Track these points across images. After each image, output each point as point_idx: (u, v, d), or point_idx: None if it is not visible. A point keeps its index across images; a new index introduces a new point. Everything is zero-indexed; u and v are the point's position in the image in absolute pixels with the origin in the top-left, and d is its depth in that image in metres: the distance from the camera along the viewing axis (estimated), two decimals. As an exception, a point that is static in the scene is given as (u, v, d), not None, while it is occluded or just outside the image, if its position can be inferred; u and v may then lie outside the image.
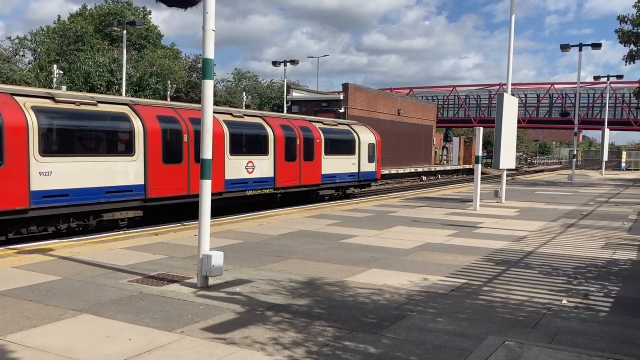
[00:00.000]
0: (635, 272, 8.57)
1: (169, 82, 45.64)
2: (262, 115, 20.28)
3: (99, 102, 13.97)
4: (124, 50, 33.95)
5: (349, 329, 5.67)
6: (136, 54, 51.79)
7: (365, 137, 25.14)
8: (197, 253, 7.24)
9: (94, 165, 13.26)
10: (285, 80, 46.60)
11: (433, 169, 51.75)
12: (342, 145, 23.65)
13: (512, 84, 20.40)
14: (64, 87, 30.48)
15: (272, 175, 19.29)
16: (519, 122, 30.72)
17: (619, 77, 45.04)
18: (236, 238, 11.12)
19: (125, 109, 14.37)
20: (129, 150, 14.11)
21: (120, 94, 34.46)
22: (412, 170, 46.66)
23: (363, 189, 26.36)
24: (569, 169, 40.90)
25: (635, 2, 29.17)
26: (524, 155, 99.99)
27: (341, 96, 44.16)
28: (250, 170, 18.26)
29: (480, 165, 17.85)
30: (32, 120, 12.02)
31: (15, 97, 12.14)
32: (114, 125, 14.10)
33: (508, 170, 21.21)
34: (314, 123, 22.54)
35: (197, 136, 14.67)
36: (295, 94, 47.66)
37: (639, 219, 15.13)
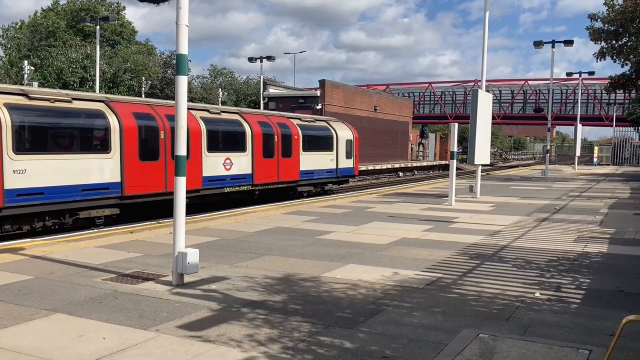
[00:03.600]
0: (605, 264, 8.75)
1: (143, 78, 45.14)
2: (240, 112, 20.17)
3: (73, 99, 13.76)
4: (97, 46, 33.47)
5: (325, 324, 5.69)
6: (110, 50, 51.11)
7: (343, 133, 25.23)
8: (173, 251, 7.19)
9: (69, 163, 13.09)
10: (262, 77, 46.42)
11: (409, 165, 52.09)
12: (320, 142, 23.62)
13: (487, 81, 20.63)
14: (35, 84, 29.96)
15: (250, 172, 19.16)
16: (493, 118, 31.06)
17: (591, 73, 45.86)
18: (212, 235, 11.06)
19: (100, 106, 14.19)
20: (104, 148, 13.92)
21: (94, 91, 33.95)
22: (389, 166, 46.89)
23: (341, 185, 26.64)
24: (543, 164, 41.54)
25: (606, 0, 29.66)
26: (499, 151, 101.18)
27: (318, 93, 44.15)
28: (228, 167, 18.16)
29: (455, 161, 18.02)
30: (6, 117, 11.78)
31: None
32: (89, 123, 13.90)
33: (483, 165, 21.46)
34: (291, 120, 22.47)
35: (174, 133, 14.32)
36: (272, 91, 47.52)
37: (610, 213, 15.44)
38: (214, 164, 17.52)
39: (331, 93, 44.45)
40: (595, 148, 67.08)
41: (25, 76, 33.05)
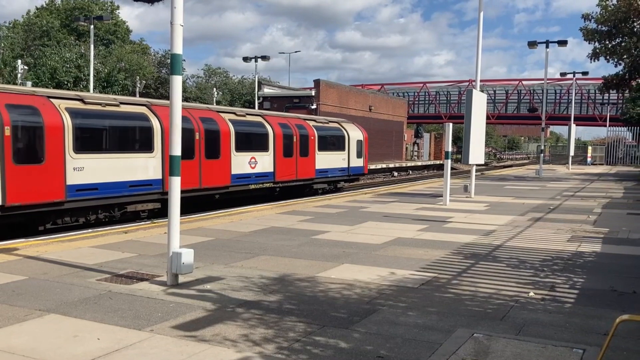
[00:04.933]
0: (599, 264, 8.79)
1: (137, 77, 45.01)
2: (262, 114, 21.64)
3: (121, 102, 15.15)
4: (92, 46, 33.34)
5: (320, 324, 5.69)
6: (104, 49, 50.93)
7: (354, 134, 26.66)
8: (167, 251, 7.17)
9: (119, 162, 14.35)
10: (257, 77, 46.38)
11: (404, 164, 52.12)
12: (334, 142, 25.11)
13: (482, 81, 20.69)
14: (29, 83, 29.81)
15: (272, 170, 20.56)
16: (488, 118, 31.29)
17: (585, 73, 45.97)
18: (207, 235, 11.05)
19: (143, 109, 15.51)
20: (148, 147, 15.16)
21: (88, 90, 33.84)
22: (384, 166, 46.92)
23: (352, 183, 28.08)
24: (537, 164, 41.66)
25: (599, 1, 29.76)
26: (493, 151, 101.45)
27: (313, 92, 44.14)
28: (253, 165, 19.55)
29: (450, 161, 18.07)
30: (67, 120, 13.08)
31: (51, 99, 13.14)
32: (134, 124, 15.14)
33: (477, 165, 21.51)
34: (308, 121, 23.85)
35: (207, 134, 17.09)
36: (267, 90, 47.48)
37: (603, 213, 15.50)
38: (241, 163, 18.91)
39: (326, 93, 44.45)
40: (589, 148, 67.31)
41: (19, 75, 32.90)
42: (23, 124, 12.19)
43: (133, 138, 15.10)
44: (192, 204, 16.24)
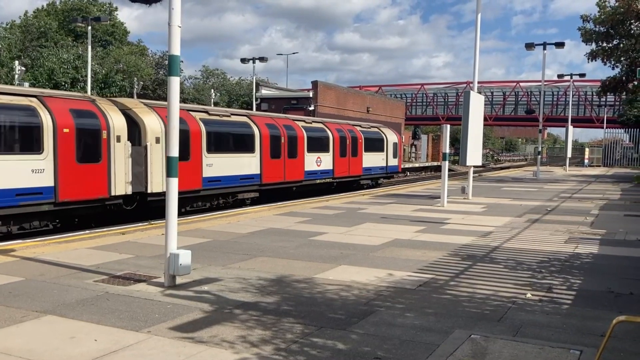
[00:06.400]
0: (596, 265, 8.80)
1: (135, 79, 44.96)
2: (323, 122, 26.10)
3: (231, 114, 19.95)
4: (89, 47, 33.31)
5: (318, 325, 5.69)
6: (102, 50, 50.89)
7: (391, 137, 30.71)
8: (165, 252, 7.17)
9: (233, 160, 18.61)
10: (255, 78, 46.37)
11: (402, 166, 52.11)
12: (375, 144, 29.11)
13: (479, 82, 20.72)
14: (26, 84, 29.76)
15: (331, 167, 24.85)
16: (485, 119, 31.24)
17: (582, 75, 46.13)
18: (205, 237, 11.04)
19: (246, 119, 20.14)
20: (251, 149, 19.56)
21: (85, 91, 33.79)
22: (382, 167, 46.89)
23: (389, 179, 32.38)
24: (535, 165, 41.73)
25: (598, 1, 29.84)
26: (491, 152, 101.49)
27: (311, 94, 44.16)
28: (318, 164, 23.84)
29: (447, 162, 18.08)
30: (202, 128, 17.25)
31: (190, 112, 17.47)
32: (242, 131, 19.52)
33: (475, 167, 21.53)
34: (356, 127, 28.19)
35: (290, 139, 21.71)
36: (265, 92, 47.49)
37: (600, 214, 15.53)
38: (311, 162, 23.23)
39: (324, 94, 44.47)
40: (586, 149, 67.38)
41: (16, 76, 32.83)
42: None
43: (241, 141, 19.37)
44: (278, 194, 20.91)
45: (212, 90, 53.81)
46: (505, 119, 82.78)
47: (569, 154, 46.28)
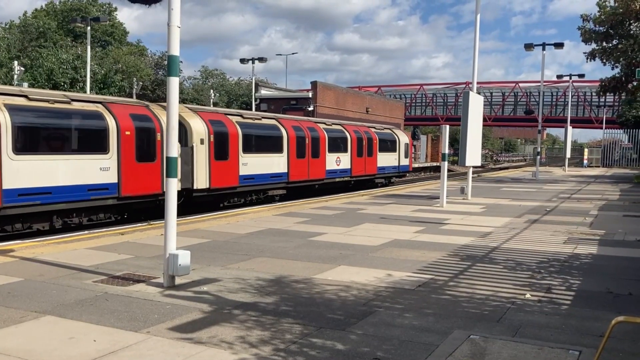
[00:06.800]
0: (595, 265, 8.81)
1: (134, 79, 44.95)
2: (341, 124, 27.97)
3: (262, 117, 21.73)
4: (88, 47, 33.32)
5: (317, 326, 5.69)
6: (101, 50, 50.87)
7: (402, 138, 32.91)
8: (164, 252, 7.16)
9: (264, 159, 20.33)
10: (254, 78, 46.36)
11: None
12: (389, 145, 31.02)
13: (478, 83, 20.75)
14: (25, 84, 29.71)
15: (349, 167, 26.69)
16: (484, 120, 31.40)
17: (581, 76, 46.18)
18: (204, 237, 11.04)
19: (274, 122, 21.91)
20: (280, 149, 21.35)
21: (85, 92, 33.77)
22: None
23: (401, 178, 34.24)
24: (534, 166, 41.72)
25: (598, 2, 29.85)
26: (490, 153, 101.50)
27: (310, 94, 44.17)
28: (338, 163, 25.62)
29: (446, 162, 18.09)
30: (239, 130, 18.94)
31: (227, 116, 19.48)
32: (271, 133, 21.20)
33: (474, 167, 21.54)
34: (371, 129, 30.17)
35: (313, 140, 23.55)
36: (264, 92, 47.49)
37: (599, 215, 15.54)
38: (331, 161, 25.02)
39: (323, 95, 44.48)
40: (586, 150, 67.37)
41: (15, 77, 32.81)
42: (217, 133, 17.80)
43: (271, 143, 21.01)
44: (303, 191, 22.97)
45: (212, 91, 53.81)
46: (504, 119, 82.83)
47: (568, 155, 46.30)
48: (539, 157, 39.65)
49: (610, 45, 30.24)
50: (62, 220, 13.56)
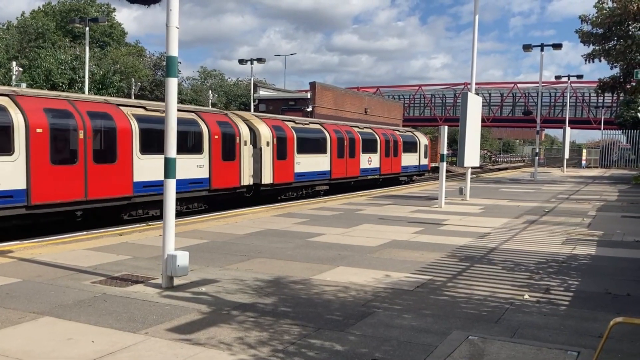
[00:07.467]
0: (593, 266, 8.81)
1: (133, 80, 44.93)
2: (372, 127, 31.05)
3: (310, 122, 25.10)
4: (87, 48, 33.29)
5: (315, 326, 5.68)
6: (99, 51, 50.83)
7: (422, 140, 36.13)
8: (162, 253, 7.16)
9: (313, 159, 23.48)
10: (253, 79, 46.36)
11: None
12: (410, 146, 34.37)
13: (477, 84, 20.76)
14: (23, 85, 29.68)
15: (378, 166, 29.86)
16: (483, 121, 31.54)
17: (579, 77, 46.27)
18: (202, 238, 11.03)
19: (319, 126, 25.14)
20: (324, 150, 24.60)
21: (83, 92, 33.75)
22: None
23: (420, 176, 37.17)
24: (532, 166, 41.75)
25: (595, 3, 29.90)
26: (488, 154, 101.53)
27: (308, 95, 44.17)
28: (369, 163, 28.72)
29: (445, 163, 18.10)
30: (294, 134, 22.35)
31: (285, 122, 22.74)
32: (317, 136, 24.48)
33: (472, 168, 21.55)
34: (395, 131, 33.71)
35: (350, 142, 26.70)
36: (263, 93, 47.48)
37: (598, 215, 15.55)
38: (364, 161, 28.19)
39: (321, 95, 44.50)
40: (584, 151, 67.36)
41: (13, 77, 32.78)
42: (278, 137, 21.07)
43: (317, 144, 24.10)
44: (341, 187, 25.71)
45: (210, 92, 53.80)
46: (502, 120, 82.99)
47: (567, 155, 46.30)
48: (537, 157, 39.67)
49: (609, 46, 30.31)
50: None
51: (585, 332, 5.65)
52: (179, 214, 14.93)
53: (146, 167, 15.20)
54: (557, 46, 33.99)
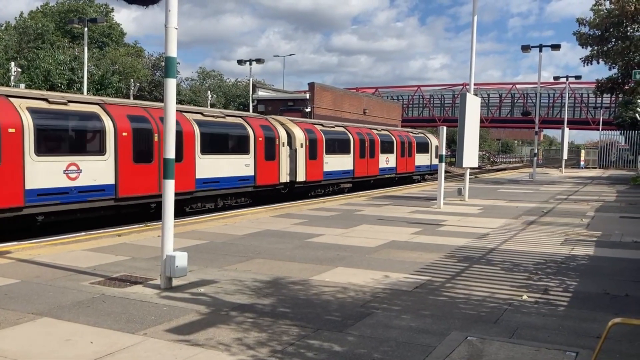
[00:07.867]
0: (592, 267, 8.82)
1: (131, 80, 44.92)
2: (388, 130, 33.38)
3: (335, 125, 26.82)
4: (85, 48, 33.27)
5: (314, 327, 5.69)
6: (98, 51, 50.80)
7: (433, 141, 37.71)
8: (161, 254, 7.15)
9: (338, 159, 25.49)
10: (251, 79, 46.36)
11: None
12: (423, 147, 36.40)
13: (475, 84, 20.80)
14: (22, 85, 29.67)
15: (395, 165, 32.02)
16: (481, 121, 31.57)
17: (578, 77, 46.34)
18: (201, 238, 11.02)
19: (343, 129, 27.08)
20: (348, 151, 26.49)
21: (82, 93, 33.73)
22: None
23: (432, 175, 37.92)
24: (531, 167, 41.78)
25: (592, 5, 29.93)
26: (487, 154, 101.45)
27: (307, 95, 44.17)
28: (387, 162, 30.80)
29: (443, 164, 18.10)
30: (323, 136, 24.40)
31: (315, 125, 24.62)
32: (342, 137, 26.28)
33: (471, 168, 21.57)
34: (410, 133, 36.05)
35: (371, 143, 28.69)
36: (262, 93, 47.46)
37: (596, 216, 15.57)
38: (382, 161, 30.21)
39: (320, 96, 44.49)
40: (582, 151, 67.39)
41: (12, 78, 32.76)
42: (310, 139, 23.06)
43: (342, 145, 26.01)
44: (363, 185, 27.89)
45: (209, 92, 53.78)
46: (501, 120, 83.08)
47: (565, 156, 46.36)
48: (536, 158, 39.71)
49: (607, 47, 30.35)
50: (222, 201, 18.65)
51: (584, 332, 5.66)
52: (227, 208, 18.47)
53: (205, 166, 17.36)
54: (556, 47, 34.02)
